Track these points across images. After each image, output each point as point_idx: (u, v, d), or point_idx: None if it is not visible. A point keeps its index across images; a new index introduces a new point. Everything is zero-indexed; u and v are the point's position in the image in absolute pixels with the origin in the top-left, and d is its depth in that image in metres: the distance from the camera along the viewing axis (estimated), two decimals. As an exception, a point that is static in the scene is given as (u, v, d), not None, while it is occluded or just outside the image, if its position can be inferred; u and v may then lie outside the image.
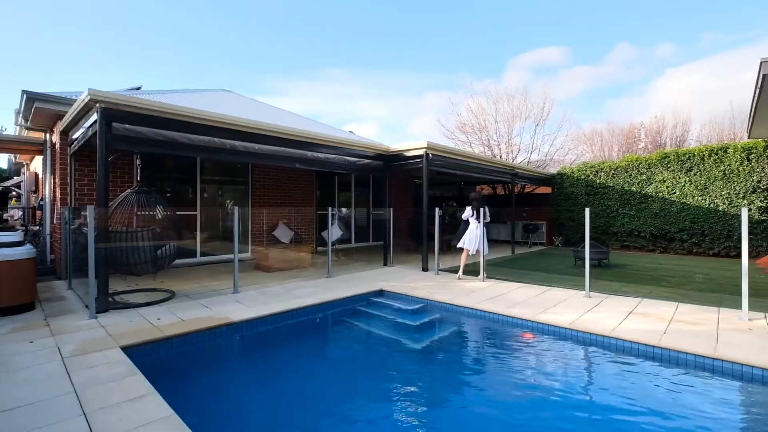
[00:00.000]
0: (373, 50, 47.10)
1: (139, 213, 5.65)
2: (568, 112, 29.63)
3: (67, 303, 5.24)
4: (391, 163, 9.08)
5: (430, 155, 8.38)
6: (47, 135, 7.62)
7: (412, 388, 3.40)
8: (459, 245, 7.33)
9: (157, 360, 3.71)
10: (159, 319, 4.47)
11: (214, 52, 52.26)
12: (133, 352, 3.55)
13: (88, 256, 4.45)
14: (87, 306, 4.67)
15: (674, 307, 5.13)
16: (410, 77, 44.69)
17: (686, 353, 3.59)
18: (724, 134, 20.05)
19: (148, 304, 5.10)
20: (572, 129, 22.14)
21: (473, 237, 7.11)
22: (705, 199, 10.62)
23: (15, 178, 18.64)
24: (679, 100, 30.61)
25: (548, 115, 20.44)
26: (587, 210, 5.86)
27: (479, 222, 7.10)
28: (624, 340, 3.95)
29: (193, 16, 43.83)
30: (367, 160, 8.62)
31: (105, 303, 4.78)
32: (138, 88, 9.73)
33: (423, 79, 44.01)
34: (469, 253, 7.17)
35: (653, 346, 3.77)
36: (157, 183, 8.42)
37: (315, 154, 7.49)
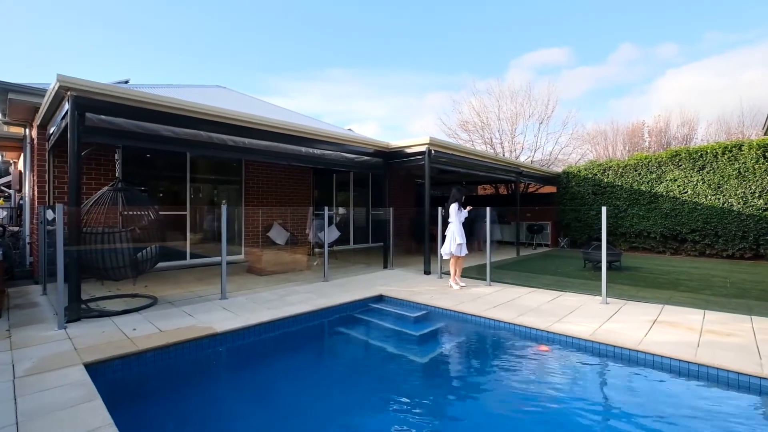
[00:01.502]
0: (373, 50, 46.57)
1: (121, 213, 5.23)
2: (572, 110, 29.10)
3: (37, 310, 4.80)
4: (391, 160, 8.65)
5: (433, 152, 7.95)
6: (26, 130, 7.19)
7: (415, 411, 2.96)
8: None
9: (125, 379, 3.27)
10: (135, 329, 4.03)
11: (213, 52, 51.67)
12: (98, 369, 3.13)
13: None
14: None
15: (701, 314, 4.70)
16: (411, 77, 44.19)
17: (727, 371, 3.16)
18: (732, 132, 19.63)
19: (125, 311, 4.65)
20: (576, 128, 21.59)
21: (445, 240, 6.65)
22: (718, 199, 10.18)
23: (4, 177, 18.17)
24: (682, 99, 30.31)
25: (552, 113, 20.01)
26: (603, 209, 5.44)
27: (450, 221, 6.58)
28: (654, 354, 3.51)
29: (192, 16, 43.37)
30: (366, 158, 8.18)
31: (77, 311, 4.34)
32: (126, 82, 9.28)
33: (424, 79, 43.48)
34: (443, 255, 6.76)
35: (688, 362, 3.33)
36: (149, 181, 8.01)
37: (311, 150, 7.06)
